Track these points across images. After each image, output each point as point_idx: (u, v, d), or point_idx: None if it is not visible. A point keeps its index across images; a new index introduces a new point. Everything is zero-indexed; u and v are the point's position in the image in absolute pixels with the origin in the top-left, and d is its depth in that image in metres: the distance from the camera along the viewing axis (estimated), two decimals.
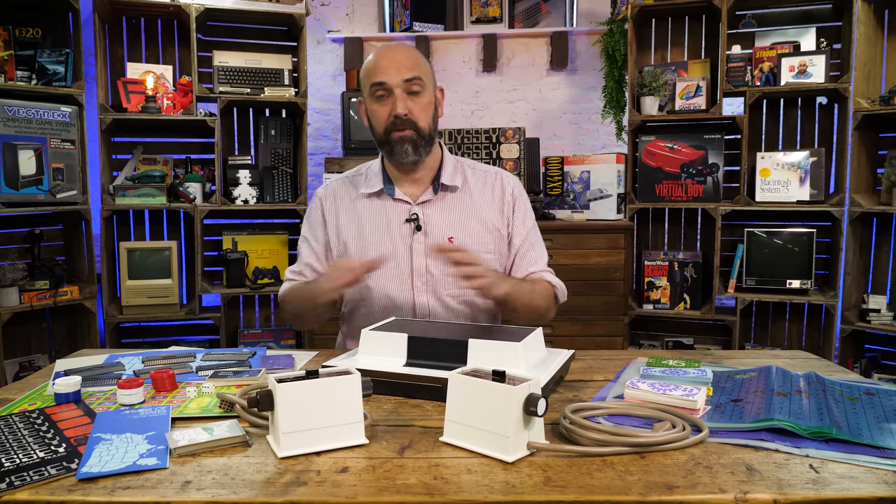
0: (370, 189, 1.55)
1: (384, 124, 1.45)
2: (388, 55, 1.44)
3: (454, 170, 1.58)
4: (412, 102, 1.44)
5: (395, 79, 1.42)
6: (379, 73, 1.43)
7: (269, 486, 0.79)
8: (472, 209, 1.55)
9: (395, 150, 1.47)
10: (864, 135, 2.93)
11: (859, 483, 0.78)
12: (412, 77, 1.43)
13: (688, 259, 3.24)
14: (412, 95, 1.44)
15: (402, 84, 1.42)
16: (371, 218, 1.54)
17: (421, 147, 1.47)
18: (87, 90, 3.02)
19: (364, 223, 1.54)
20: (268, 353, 1.38)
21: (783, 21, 3.23)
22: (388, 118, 1.44)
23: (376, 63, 1.45)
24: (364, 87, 1.49)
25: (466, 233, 1.53)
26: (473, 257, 1.33)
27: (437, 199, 1.54)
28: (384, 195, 1.55)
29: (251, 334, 3.40)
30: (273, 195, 3.29)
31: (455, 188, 1.56)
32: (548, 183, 3.40)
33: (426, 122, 1.47)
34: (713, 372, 1.20)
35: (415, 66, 1.44)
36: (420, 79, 1.44)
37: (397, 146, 1.46)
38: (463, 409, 0.90)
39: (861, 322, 2.88)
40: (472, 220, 1.54)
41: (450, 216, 1.54)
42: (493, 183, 1.60)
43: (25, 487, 0.79)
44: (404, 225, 1.52)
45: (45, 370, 1.33)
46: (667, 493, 0.76)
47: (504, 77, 3.99)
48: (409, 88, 1.43)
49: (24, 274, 2.89)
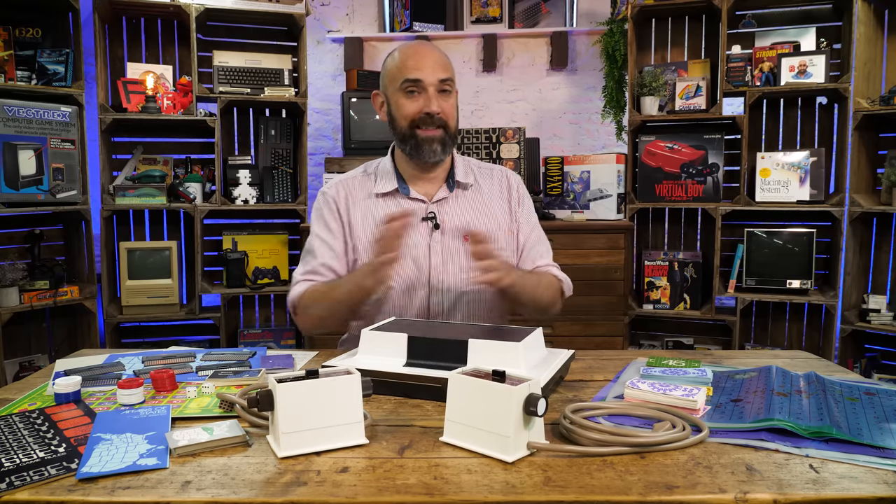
0: (384, 189, 1.54)
1: (412, 119, 1.46)
2: (423, 53, 1.46)
3: (465, 168, 1.60)
4: (444, 102, 1.46)
5: (432, 77, 1.44)
6: (415, 70, 1.44)
7: (269, 486, 0.79)
8: (485, 206, 1.58)
9: (422, 148, 1.47)
10: (864, 135, 2.93)
11: (859, 483, 0.78)
12: (446, 77, 1.45)
13: (688, 259, 3.24)
14: (443, 94, 1.46)
15: (436, 83, 1.44)
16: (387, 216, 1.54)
17: (448, 146, 1.49)
18: (87, 90, 3.02)
19: (380, 223, 1.50)
20: (268, 353, 1.38)
21: (783, 21, 3.23)
22: (417, 113, 1.45)
23: (412, 58, 1.45)
24: (393, 80, 1.48)
25: (481, 229, 1.53)
26: (492, 250, 1.32)
27: (452, 197, 1.55)
28: (399, 194, 1.55)
29: (251, 334, 3.40)
30: (273, 195, 3.29)
31: (468, 185, 1.58)
32: (548, 183, 3.40)
33: (454, 122, 1.50)
34: (713, 372, 1.20)
35: (448, 67, 1.48)
36: (452, 80, 1.48)
37: (426, 144, 1.46)
38: (463, 409, 0.90)
39: (861, 322, 2.88)
40: (486, 217, 1.57)
41: (465, 213, 1.55)
42: (499, 180, 1.63)
43: (25, 487, 0.79)
44: (421, 224, 1.52)
45: (45, 370, 1.33)
46: (667, 493, 0.76)
47: (504, 77, 3.99)
48: (442, 88, 1.46)
49: (24, 274, 2.89)
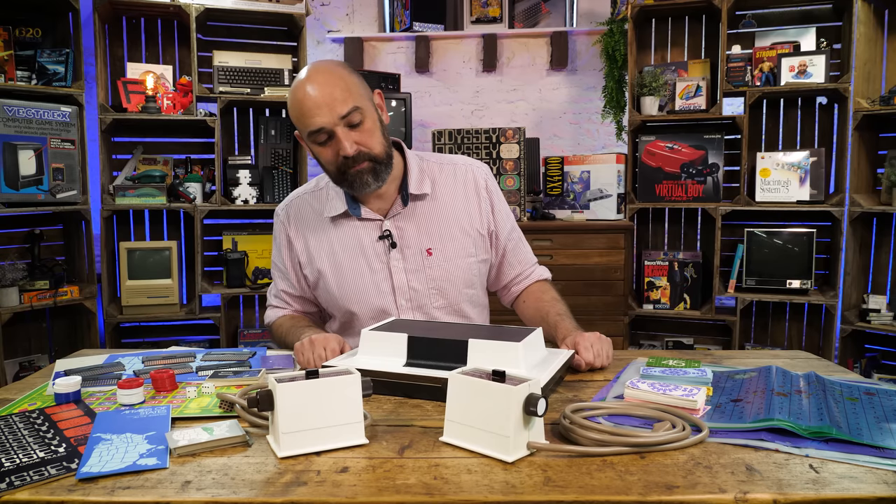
0: (334, 212, 1.46)
1: (336, 165, 1.34)
2: (314, 95, 1.28)
3: (420, 174, 1.47)
4: (357, 134, 1.31)
5: (331, 119, 1.28)
6: (312, 118, 1.29)
7: (269, 486, 0.79)
8: (447, 214, 1.47)
9: (355, 184, 1.36)
10: (864, 135, 2.93)
11: (859, 483, 0.78)
12: (349, 111, 1.28)
13: (688, 259, 3.24)
14: (354, 128, 1.31)
15: (339, 122, 1.29)
16: (341, 241, 1.46)
17: (382, 171, 1.36)
18: (87, 90, 3.02)
19: (335, 247, 1.46)
20: (268, 353, 1.38)
21: (783, 21, 3.23)
22: (337, 159, 1.33)
23: (305, 105, 1.29)
24: (300, 131, 1.35)
25: (444, 240, 1.46)
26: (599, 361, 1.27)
27: (407, 211, 1.45)
28: (350, 217, 1.46)
29: (251, 334, 3.40)
30: (273, 195, 3.29)
31: (424, 195, 1.46)
32: (548, 183, 3.40)
33: (379, 146, 1.35)
34: (713, 372, 1.20)
35: (346, 96, 1.29)
36: (357, 108, 1.30)
37: (357, 180, 1.34)
38: (463, 409, 0.90)
39: (861, 322, 2.88)
40: (449, 226, 1.47)
41: (424, 226, 1.45)
42: (464, 178, 1.51)
43: (25, 487, 0.79)
44: (378, 243, 1.44)
45: (45, 370, 1.33)
46: (667, 493, 0.76)
47: (504, 77, 3.99)
48: (350, 122, 1.30)
49: (24, 274, 2.89)
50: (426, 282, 1.45)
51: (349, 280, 1.46)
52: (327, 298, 1.51)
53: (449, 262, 1.46)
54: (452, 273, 1.46)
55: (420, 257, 1.45)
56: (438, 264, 1.45)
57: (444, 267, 1.46)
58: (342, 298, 1.47)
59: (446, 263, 1.46)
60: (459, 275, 1.47)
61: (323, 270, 1.47)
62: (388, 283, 1.45)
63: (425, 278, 1.45)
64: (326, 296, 1.50)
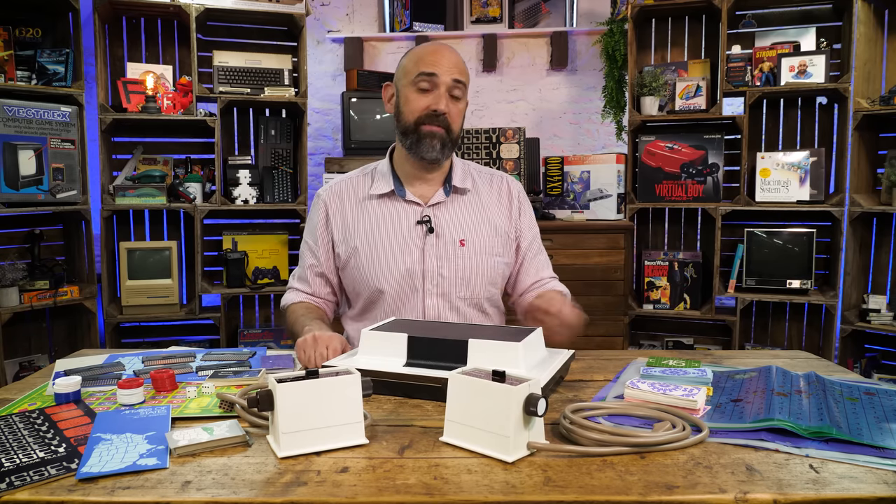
0: (380, 190, 1.54)
1: (418, 114, 1.45)
2: (443, 52, 1.46)
3: (463, 172, 1.58)
4: (453, 105, 1.46)
5: (446, 75, 1.44)
6: (432, 65, 1.44)
7: (269, 486, 0.79)
8: (482, 212, 1.56)
9: (422, 143, 1.46)
10: (864, 135, 2.93)
11: (859, 483, 0.78)
12: (460, 80, 1.45)
13: (688, 259, 3.24)
14: (453, 99, 1.46)
15: (450, 82, 1.44)
16: (381, 219, 1.52)
17: (447, 148, 1.48)
18: (87, 90, 3.02)
19: (374, 225, 1.52)
20: (268, 353, 1.38)
21: (783, 21, 3.23)
22: (424, 109, 1.45)
23: (431, 55, 1.45)
24: (407, 72, 1.47)
25: (477, 235, 1.53)
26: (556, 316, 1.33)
27: (448, 202, 1.54)
28: (395, 196, 1.53)
29: (251, 334, 3.40)
30: (273, 195, 3.29)
31: (466, 190, 1.56)
32: (548, 183, 3.40)
33: (458, 126, 1.49)
34: (713, 372, 1.20)
35: (464, 72, 1.48)
36: (465, 85, 1.48)
37: (426, 139, 1.45)
38: (463, 409, 0.90)
39: (861, 322, 2.88)
40: (483, 223, 1.55)
41: (461, 218, 1.53)
42: (499, 186, 1.61)
43: (25, 487, 0.79)
44: (416, 227, 1.51)
45: (45, 370, 1.33)
46: (667, 493, 0.76)
47: (504, 77, 3.99)
48: (453, 90, 1.45)
49: (24, 274, 2.89)
50: (455, 271, 1.50)
51: (383, 257, 1.49)
52: (356, 276, 1.53)
53: (478, 256, 1.52)
54: (480, 267, 1.52)
55: (453, 247, 1.50)
56: (469, 256, 1.51)
57: (474, 260, 1.51)
58: (372, 275, 1.50)
59: (476, 257, 1.52)
60: (486, 270, 1.53)
61: (357, 247, 1.52)
62: (419, 266, 1.49)
63: (455, 268, 1.50)
64: (356, 273, 1.52)
